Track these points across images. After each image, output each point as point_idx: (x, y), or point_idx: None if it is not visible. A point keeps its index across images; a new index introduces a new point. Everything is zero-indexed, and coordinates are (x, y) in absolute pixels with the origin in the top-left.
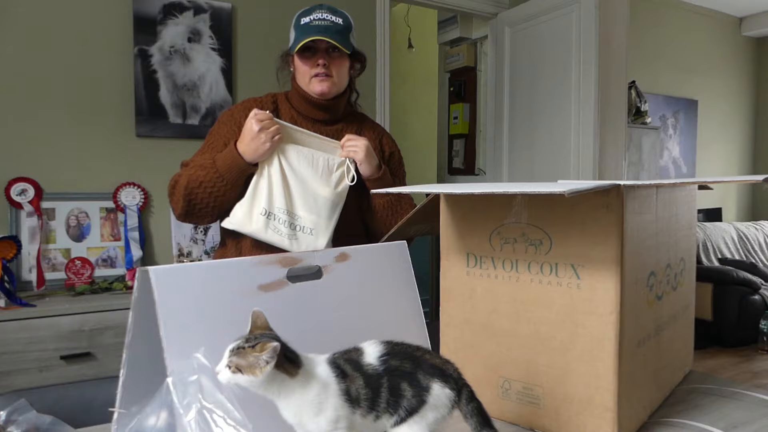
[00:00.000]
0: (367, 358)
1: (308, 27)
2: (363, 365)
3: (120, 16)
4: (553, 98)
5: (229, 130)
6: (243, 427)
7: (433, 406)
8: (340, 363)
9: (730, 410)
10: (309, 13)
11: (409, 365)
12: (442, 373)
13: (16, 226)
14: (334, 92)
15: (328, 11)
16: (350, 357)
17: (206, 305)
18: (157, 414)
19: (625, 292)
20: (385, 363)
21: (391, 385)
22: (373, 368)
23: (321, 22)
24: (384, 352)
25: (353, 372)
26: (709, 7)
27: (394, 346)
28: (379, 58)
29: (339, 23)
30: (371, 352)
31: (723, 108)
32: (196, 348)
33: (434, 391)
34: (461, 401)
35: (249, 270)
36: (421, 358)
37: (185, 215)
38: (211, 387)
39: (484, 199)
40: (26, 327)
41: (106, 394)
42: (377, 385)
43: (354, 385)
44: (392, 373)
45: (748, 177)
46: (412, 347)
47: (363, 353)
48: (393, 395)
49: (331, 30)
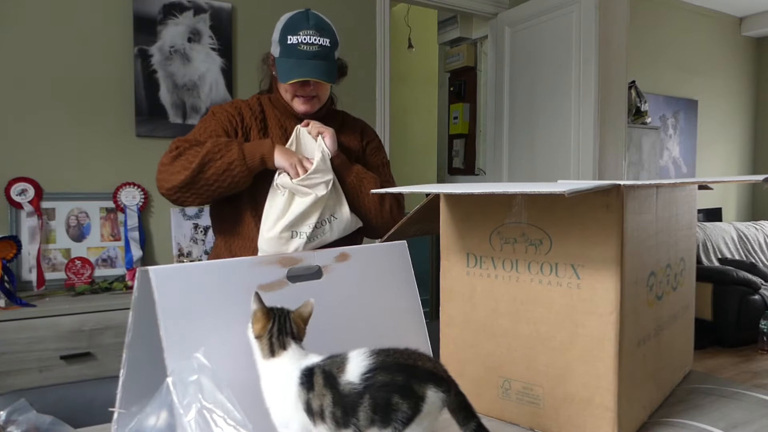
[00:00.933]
0: (348, 375)
1: (295, 51)
2: (340, 383)
3: (120, 16)
4: (553, 98)
5: (225, 118)
6: (243, 427)
7: (428, 413)
8: (315, 374)
9: (730, 410)
10: (295, 30)
11: (401, 378)
12: (435, 377)
13: (16, 226)
14: (317, 109)
15: (315, 32)
16: (330, 371)
17: (206, 305)
18: (157, 414)
19: (625, 292)
20: (369, 380)
21: (377, 402)
22: (352, 387)
23: (308, 47)
24: (370, 367)
25: (323, 389)
26: (709, 7)
27: (385, 358)
28: (379, 58)
29: (326, 45)
30: (354, 368)
31: (723, 108)
32: (196, 348)
33: (429, 398)
34: (450, 399)
35: (249, 270)
36: (414, 365)
37: (181, 186)
38: (211, 387)
39: (484, 199)
40: (26, 327)
41: (106, 394)
42: (354, 404)
43: (318, 401)
44: (380, 389)
45: (748, 177)
46: (404, 355)
47: (345, 369)
48: (380, 411)
49: (319, 56)
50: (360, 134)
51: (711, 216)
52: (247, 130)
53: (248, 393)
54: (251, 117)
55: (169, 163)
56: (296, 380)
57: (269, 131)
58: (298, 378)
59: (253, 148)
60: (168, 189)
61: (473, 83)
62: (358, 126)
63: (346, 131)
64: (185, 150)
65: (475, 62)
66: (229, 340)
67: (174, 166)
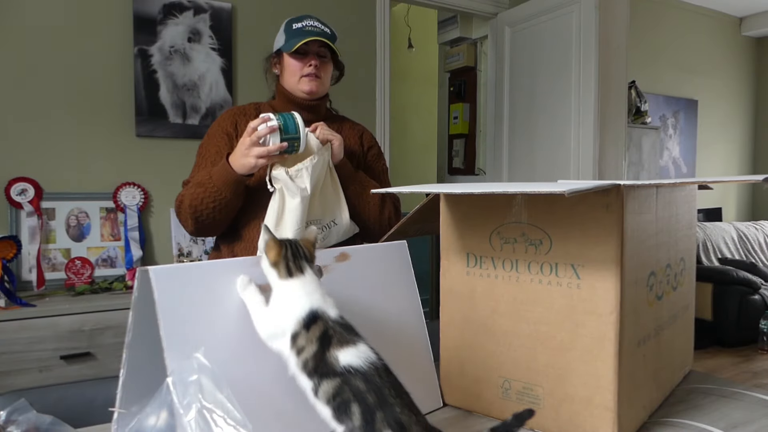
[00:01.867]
0: (338, 353)
1: (302, 31)
2: (328, 351)
3: (120, 16)
4: (553, 98)
5: (219, 140)
6: (243, 427)
7: None
8: (318, 323)
9: (730, 410)
10: (300, 20)
11: (372, 400)
12: (403, 429)
13: (16, 226)
14: (321, 93)
15: (318, 21)
16: (330, 334)
17: (206, 305)
18: (157, 414)
19: (625, 292)
20: (348, 375)
21: (340, 396)
22: (332, 364)
23: (313, 28)
24: (360, 368)
25: (314, 339)
26: (709, 7)
27: (378, 374)
28: (379, 58)
29: (327, 32)
30: (348, 355)
31: (723, 108)
32: (195, 348)
33: None
34: None
35: (249, 270)
36: (392, 404)
37: (197, 232)
38: (211, 387)
39: (484, 199)
40: (26, 327)
41: (106, 394)
42: (324, 375)
43: (303, 342)
44: (348, 390)
45: (748, 177)
46: (397, 389)
47: (342, 346)
48: (337, 405)
49: (324, 36)
50: (360, 139)
51: (711, 216)
52: None
53: (248, 393)
54: (246, 124)
55: (178, 215)
56: (301, 313)
57: None
58: (304, 313)
59: (219, 175)
60: (191, 234)
61: (473, 83)
62: (357, 131)
63: (346, 136)
64: (181, 202)
65: (475, 62)
66: (229, 340)
67: (181, 219)
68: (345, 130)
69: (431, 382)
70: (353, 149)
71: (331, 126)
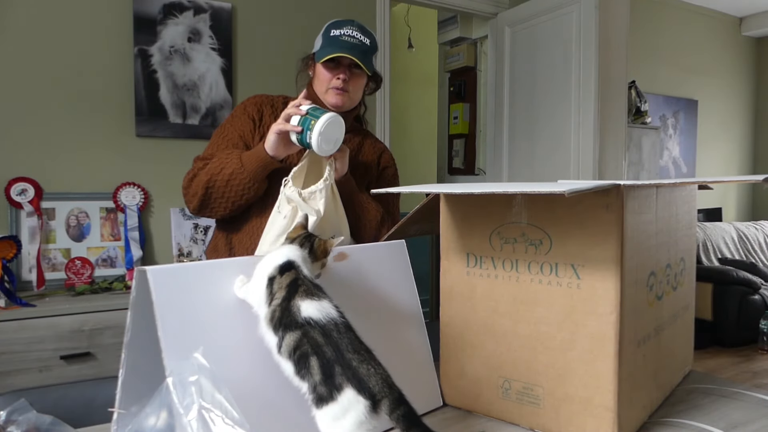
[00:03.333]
0: (301, 303)
1: (338, 40)
2: (293, 301)
3: (120, 16)
4: (553, 98)
5: (243, 122)
6: (241, 427)
7: (344, 409)
8: (289, 271)
9: (730, 410)
10: (341, 26)
11: (331, 353)
12: (363, 384)
13: (16, 226)
14: (348, 106)
15: (359, 30)
16: (298, 284)
17: (205, 305)
18: (156, 414)
19: (625, 292)
20: (307, 327)
21: (299, 350)
22: (293, 315)
23: (350, 39)
24: (319, 320)
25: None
26: (709, 7)
27: (339, 330)
28: (379, 58)
29: (366, 44)
30: (311, 306)
31: (723, 108)
32: (194, 348)
33: (346, 395)
34: (380, 411)
35: (248, 270)
36: (349, 359)
37: (200, 207)
38: (210, 387)
39: (484, 199)
40: (26, 327)
41: (106, 394)
42: (287, 327)
43: (276, 287)
44: (307, 342)
45: (748, 177)
46: (360, 347)
47: (307, 297)
48: (297, 359)
49: (358, 49)
50: (378, 158)
51: (711, 216)
52: (265, 131)
53: (247, 393)
54: (271, 114)
55: (188, 186)
56: (279, 261)
57: None
58: (281, 261)
59: (250, 155)
60: (193, 211)
61: (473, 83)
62: (377, 149)
63: (365, 152)
64: (199, 171)
65: (475, 62)
66: (228, 340)
67: (189, 191)
68: (365, 146)
69: (431, 382)
70: (368, 168)
71: (351, 139)
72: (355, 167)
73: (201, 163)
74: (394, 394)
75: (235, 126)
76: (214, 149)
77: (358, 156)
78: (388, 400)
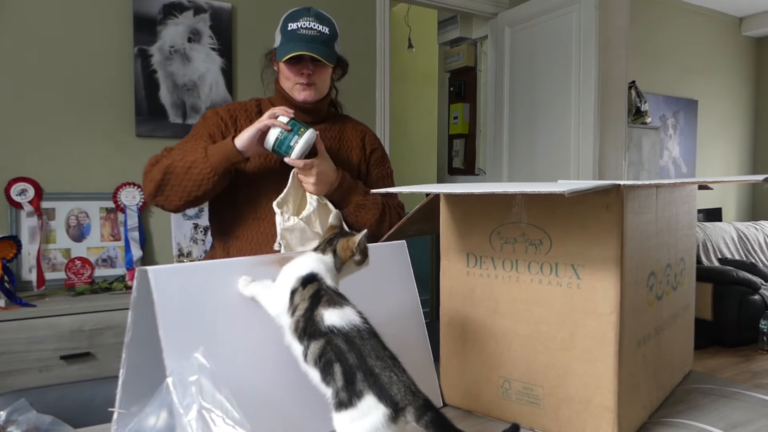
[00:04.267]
0: (324, 312)
1: (295, 35)
2: (316, 310)
3: (120, 16)
4: (553, 98)
5: (214, 123)
6: (241, 427)
7: (363, 414)
8: (311, 284)
9: (730, 410)
10: (296, 18)
11: (354, 360)
12: (384, 392)
13: (16, 226)
14: (316, 98)
15: (315, 19)
16: (320, 294)
17: (205, 305)
18: (156, 414)
19: (625, 292)
20: (331, 335)
21: (324, 357)
22: (317, 324)
23: (308, 31)
24: (342, 328)
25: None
26: (709, 7)
27: (362, 337)
28: (379, 58)
29: (325, 33)
30: (334, 315)
31: (723, 108)
32: (195, 348)
33: (366, 401)
34: (405, 418)
35: (248, 270)
36: (372, 365)
37: (155, 192)
38: (210, 387)
39: (484, 199)
40: (26, 327)
41: (106, 394)
42: (312, 336)
43: (298, 299)
44: (331, 350)
45: (748, 177)
46: (384, 353)
47: (330, 307)
48: (322, 366)
49: (318, 41)
50: (362, 141)
51: (711, 216)
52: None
53: (247, 393)
54: (246, 119)
55: (148, 171)
56: (301, 273)
57: None
58: (303, 273)
59: (216, 147)
60: (147, 197)
61: (473, 83)
62: (360, 132)
63: (348, 139)
64: (158, 161)
65: (475, 62)
66: (228, 340)
67: (148, 176)
68: (347, 131)
69: (431, 382)
70: (354, 155)
71: (331, 128)
72: (340, 155)
73: (166, 151)
74: (418, 401)
75: (206, 125)
76: (183, 143)
77: (341, 143)
78: (413, 407)
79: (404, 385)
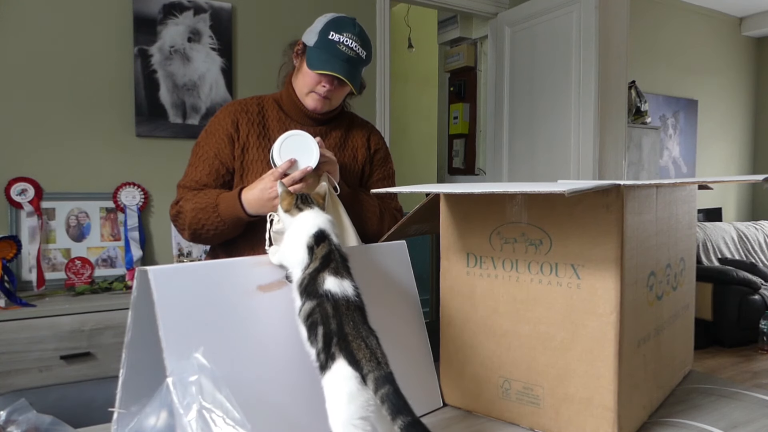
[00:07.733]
0: (327, 275)
1: (335, 48)
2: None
3: (120, 16)
4: (553, 98)
5: (218, 139)
6: (242, 427)
7: (335, 377)
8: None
9: (730, 410)
10: (340, 29)
11: (335, 325)
12: (353, 358)
13: (16, 226)
14: (326, 110)
15: (358, 39)
16: (332, 256)
17: (205, 305)
18: (156, 414)
19: (625, 292)
20: (324, 298)
21: (312, 316)
22: (317, 285)
23: (348, 51)
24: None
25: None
26: (709, 7)
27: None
28: (379, 58)
29: (362, 57)
30: (333, 282)
31: (723, 108)
32: (195, 348)
33: (337, 364)
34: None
35: (248, 270)
36: (350, 340)
37: (192, 241)
38: (211, 387)
39: (484, 199)
40: (26, 327)
41: (106, 394)
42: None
43: (319, 253)
44: (319, 312)
45: (748, 177)
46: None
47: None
48: (310, 324)
49: (353, 62)
50: (367, 140)
51: (711, 216)
52: (245, 141)
53: (247, 393)
54: (248, 123)
55: (175, 220)
56: (312, 231)
57: (269, 133)
58: (314, 231)
59: (226, 206)
60: (187, 240)
61: (473, 83)
62: (365, 132)
63: (353, 136)
64: (179, 213)
65: (475, 62)
66: (229, 340)
67: (177, 227)
68: (352, 131)
69: (431, 382)
70: (359, 153)
71: (338, 126)
72: (344, 155)
73: (183, 191)
74: (380, 372)
75: (210, 144)
76: (192, 171)
77: (346, 142)
78: (373, 376)
79: (371, 353)
